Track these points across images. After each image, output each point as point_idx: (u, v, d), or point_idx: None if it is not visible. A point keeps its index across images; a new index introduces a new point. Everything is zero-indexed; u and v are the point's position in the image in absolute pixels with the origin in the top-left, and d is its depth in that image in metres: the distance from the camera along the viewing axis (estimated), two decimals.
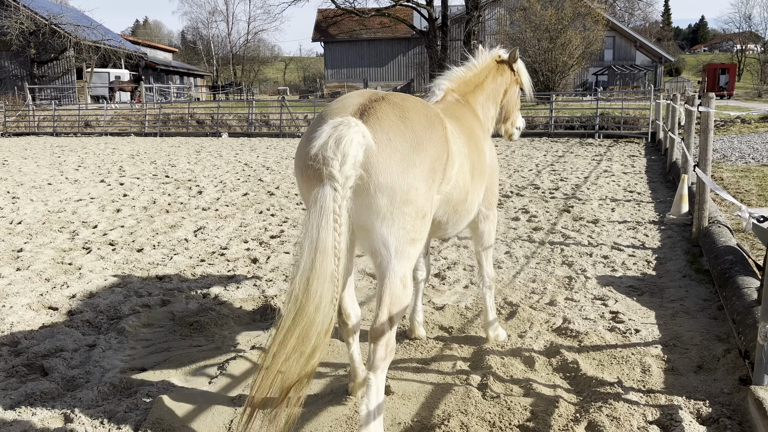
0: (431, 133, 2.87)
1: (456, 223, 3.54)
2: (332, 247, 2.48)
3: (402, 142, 2.73)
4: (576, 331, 4.46)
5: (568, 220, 8.34)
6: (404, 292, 2.80)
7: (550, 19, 36.54)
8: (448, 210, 3.33)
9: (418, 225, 2.78)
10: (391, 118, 2.77)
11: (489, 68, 4.40)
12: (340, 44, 52.12)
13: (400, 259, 2.77)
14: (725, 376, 3.73)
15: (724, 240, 5.82)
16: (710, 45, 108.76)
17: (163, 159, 16.88)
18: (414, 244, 2.81)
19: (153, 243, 7.25)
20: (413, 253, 2.82)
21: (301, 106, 33.50)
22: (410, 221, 2.74)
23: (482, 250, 4.14)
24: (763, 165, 13.45)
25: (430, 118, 2.96)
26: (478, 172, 3.57)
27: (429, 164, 2.80)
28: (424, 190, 2.77)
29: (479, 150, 3.70)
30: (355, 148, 2.51)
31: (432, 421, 3.28)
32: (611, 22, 45.82)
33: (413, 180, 2.72)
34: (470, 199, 3.49)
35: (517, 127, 4.85)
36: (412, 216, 2.73)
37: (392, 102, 2.88)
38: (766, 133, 20.73)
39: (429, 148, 2.81)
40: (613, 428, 3.15)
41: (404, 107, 2.90)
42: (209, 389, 3.66)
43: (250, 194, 10.80)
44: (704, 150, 6.49)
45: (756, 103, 38.23)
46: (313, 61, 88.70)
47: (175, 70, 57.42)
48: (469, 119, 3.92)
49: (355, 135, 2.52)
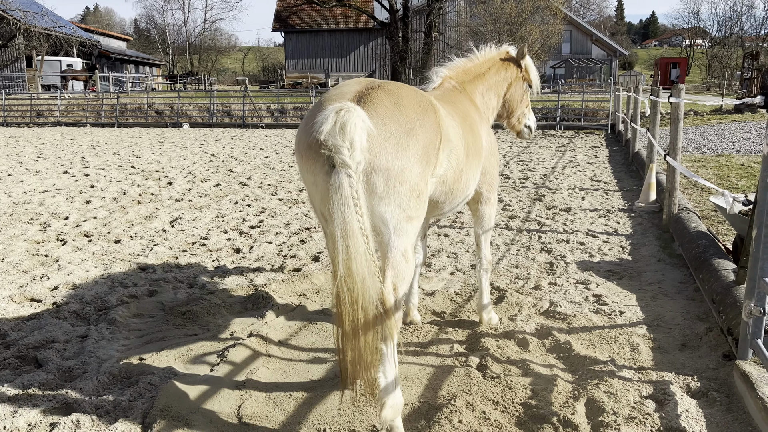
0: (423, 119, 3.03)
1: (452, 201, 3.66)
2: (359, 228, 2.64)
3: (396, 126, 2.89)
4: (564, 314, 4.62)
5: (542, 209, 8.55)
6: (406, 265, 2.97)
7: (510, 13, 37.06)
8: (444, 190, 3.47)
9: (414, 203, 2.93)
10: (387, 104, 2.92)
11: (492, 61, 4.50)
12: (300, 34, 51.62)
13: (399, 235, 2.93)
14: (709, 353, 3.93)
15: (696, 225, 6.08)
16: (660, 40, 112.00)
17: (126, 150, 16.49)
18: (411, 222, 2.96)
19: (130, 234, 7.12)
20: (411, 229, 2.98)
21: (263, 96, 33.13)
22: (405, 200, 2.89)
23: (482, 232, 4.26)
24: (718, 155, 14.01)
25: (422, 105, 3.11)
26: (473, 152, 3.70)
27: (422, 147, 2.96)
28: (418, 171, 2.92)
29: (474, 132, 3.82)
30: (360, 134, 2.64)
31: (438, 401, 3.36)
32: (569, 16, 46.74)
33: (407, 162, 2.88)
34: (465, 177, 3.61)
35: (527, 125, 4.83)
36: (407, 195, 2.89)
37: (387, 90, 3.01)
38: (718, 124, 21.55)
39: (421, 133, 2.97)
40: (611, 404, 3.30)
41: (399, 95, 3.03)
42: (213, 376, 3.66)
43: (222, 185, 10.69)
44: (674, 139, 6.75)
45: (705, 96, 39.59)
46: (272, 51, 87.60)
47: (130, 59, 55.86)
48: (465, 104, 4.04)
49: (357, 120, 2.64)
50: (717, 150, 15.03)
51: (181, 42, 75.46)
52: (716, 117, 24.37)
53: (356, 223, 2.63)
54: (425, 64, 42.91)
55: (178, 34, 75.71)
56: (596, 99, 26.08)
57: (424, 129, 3.00)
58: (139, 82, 48.82)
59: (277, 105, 28.69)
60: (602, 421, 3.14)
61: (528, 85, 4.70)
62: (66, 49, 43.39)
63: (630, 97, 15.51)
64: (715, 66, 65.48)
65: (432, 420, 3.17)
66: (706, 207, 8.35)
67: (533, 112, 4.96)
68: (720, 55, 66.14)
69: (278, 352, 4.06)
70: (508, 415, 3.26)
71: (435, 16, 43.10)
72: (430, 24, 43.11)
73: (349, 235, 2.61)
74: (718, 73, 60.45)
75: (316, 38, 51.42)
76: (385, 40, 46.48)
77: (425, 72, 41.61)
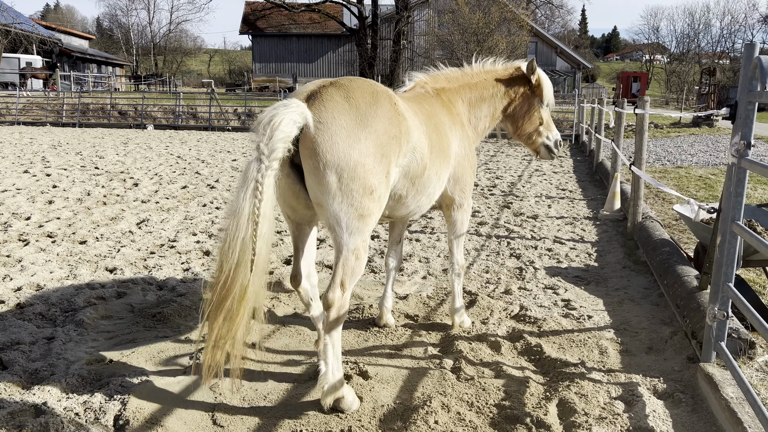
0: (377, 108, 3.07)
1: (415, 197, 3.65)
2: (249, 213, 2.72)
3: (346, 119, 2.94)
4: (534, 318, 4.70)
5: (510, 216, 8.68)
6: (357, 263, 3.07)
7: (478, 23, 37.53)
8: (406, 183, 3.50)
9: (366, 201, 2.98)
10: (336, 98, 3.00)
11: (488, 72, 4.44)
12: (268, 38, 51.33)
13: (351, 234, 3.00)
14: (674, 356, 4.06)
15: (659, 234, 6.27)
16: (622, 54, 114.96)
17: (89, 150, 16.13)
18: (363, 220, 3.01)
19: (96, 235, 6.97)
20: (363, 227, 3.03)
21: (230, 99, 32.81)
22: (358, 198, 2.95)
23: (454, 237, 4.30)
24: (678, 167, 14.45)
25: (376, 95, 3.15)
26: (437, 151, 3.71)
27: (375, 138, 3.00)
28: (372, 165, 2.97)
29: (440, 133, 3.83)
30: (285, 125, 2.78)
31: (414, 402, 3.39)
32: (534, 29, 47.61)
33: (359, 156, 2.93)
34: (428, 174, 3.61)
35: (545, 144, 4.61)
36: (360, 192, 2.94)
37: (339, 84, 3.11)
38: (677, 137, 22.24)
39: (375, 123, 3.02)
40: (582, 404, 3.38)
41: (350, 87, 3.11)
42: (186, 378, 3.62)
43: (190, 187, 10.55)
44: (639, 149, 6.96)
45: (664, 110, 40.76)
46: (238, 54, 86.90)
47: (92, 58, 54.68)
48: (434, 107, 4.03)
49: (288, 114, 2.80)
50: (676, 162, 15.50)
51: (145, 42, 74.21)
52: (675, 130, 25.14)
53: (248, 207, 2.71)
54: (393, 71, 43.15)
55: (142, 35, 74.47)
56: (561, 110, 26.61)
57: (378, 119, 3.04)
58: (101, 81, 47.81)
59: (245, 108, 28.45)
60: (574, 421, 3.21)
61: (540, 100, 4.50)
62: (25, 47, 42.26)
63: (594, 108, 15.89)
64: (674, 81, 67.59)
65: (408, 421, 3.20)
66: (668, 216, 8.61)
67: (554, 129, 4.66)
68: (678, 70, 68.32)
69: (252, 354, 4.02)
70: (482, 415, 3.31)
71: (404, 25, 43.40)
72: (398, 32, 43.39)
73: (235, 215, 2.72)
74: (677, 88, 62.40)
75: (284, 42, 51.20)
76: (354, 46, 46.62)
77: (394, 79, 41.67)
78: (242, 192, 2.74)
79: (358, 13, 44.28)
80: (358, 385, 3.58)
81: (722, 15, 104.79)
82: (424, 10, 46.91)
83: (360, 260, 3.07)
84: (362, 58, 44.23)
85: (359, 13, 44.27)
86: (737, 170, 3.28)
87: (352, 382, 3.61)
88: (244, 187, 2.74)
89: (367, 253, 3.14)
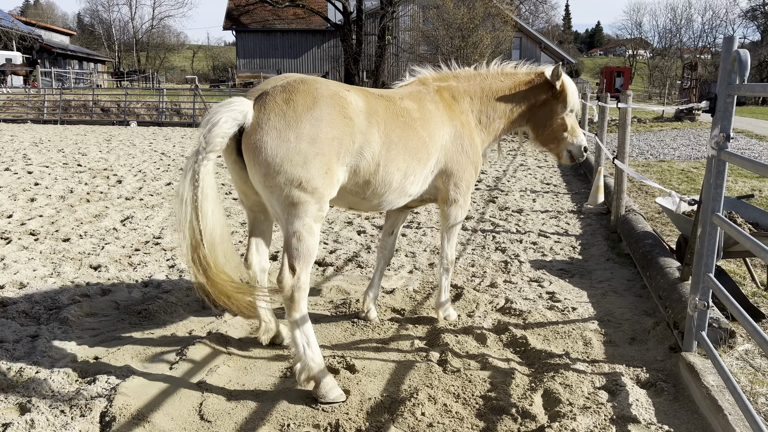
0: (314, 111, 3.30)
1: (375, 193, 3.74)
2: (189, 198, 3.13)
3: (280, 121, 3.24)
4: (519, 310, 4.75)
5: (495, 210, 8.74)
6: (300, 244, 3.35)
7: (462, 18, 37.56)
8: (358, 180, 3.63)
9: (296, 192, 3.27)
10: (277, 101, 3.29)
11: (506, 75, 4.42)
12: (252, 34, 50.96)
13: (288, 218, 3.34)
14: (656, 346, 4.12)
15: (642, 226, 6.34)
16: (605, 49, 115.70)
17: (71, 147, 15.95)
18: (296, 207, 3.31)
19: (79, 233, 6.91)
20: (299, 213, 3.32)
21: (214, 95, 32.62)
22: (287, 188, 3.26)
23: (445, 231, 4.32)
24: (660, 161, 14.60)
25: (316, 99, 3.35)
26: (400, 149, 3.71)
27: (307, 139, 3.26)
28: (299, 161, 3.24)
29: (411, 129, 3.80)
30: (224, 122, 3.16)
31: (401, 395, 3.42)
32: (518, 24, 47.72)
33: (286, 152, 3.22)
34: (384, 171, 3.66)
35: (569, 150, 4.55)
36: (288, 185, 3.25)
37: (288, 87, 3.36)
38: (660, 132, 22.45)
39: (307, 126, 3.27)
40: (567, 395, 3.42)
41: (295, 90, 3.35)
42: (172, 374, 3.61)
43: (174, 184, 10.48)
44: (622, 143, 7.02)
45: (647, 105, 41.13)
46: (222, 50, 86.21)
47: (73, 55, 53.93)
48: (423, 104, 4.01)
49: (228, 113, 3.18)
50: (659, 156, 15.65)
51: (127, 38, 73.37)
52: (658, 124, 25.37)
53: (187, 193, 3.13)
54: (378, 67, 43.09)
55: (124, 30, 73.59)
56: None
57: (312, 122, 3.28)
58: (83, 78, 47.23)
59: None
60: (559, 411, 3.25)
61: (563, 106, 4.42)
62: (5, 43, 41.62)
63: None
64: (656, 75, 68.18)
65: (395, 413, 3.22)
66: (650, 209, 8.70)
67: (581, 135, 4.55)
68: (661, 65, 68.90)
69: (238, 349, 4.03)
70: (468, 407, 3.34)
71: (388, 20, 43.30)
72: (383, 27, 43.30)
73: (181, 201, 3.14)
74: (659, 83, 62.96)
75: (268, 38, 50.87)
76: (339, 42, 46.42)
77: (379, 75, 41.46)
78: (183, 180, 3.16)
79: (343, 9, 44.11)
80: (346, 378, 3.60)
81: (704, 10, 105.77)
82: (409, 5, 46.84)
83: (303, 242, 3.34)
84: (347, 53, 44.10)
85: (344, 9, 44.11)
86: (717, 162, 3.34)
87: (340, 375, 3.63)
88: (185, 176, 3.16)
89: (313, 236, 3.37)
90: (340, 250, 6.48)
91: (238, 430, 3.11)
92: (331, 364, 3.73)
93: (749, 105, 47.72)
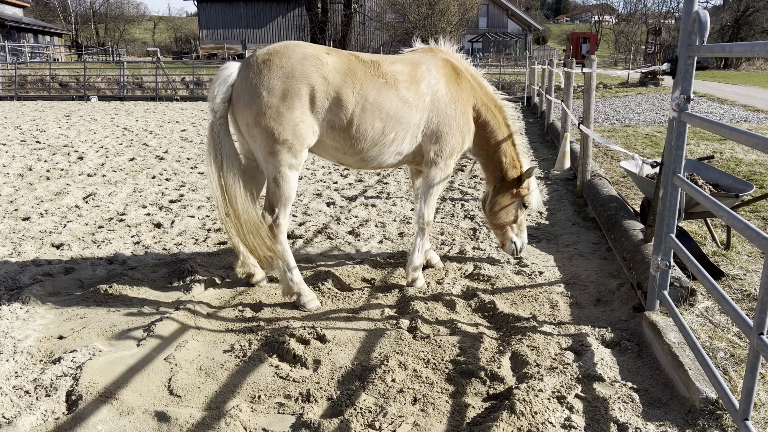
0: (286, 70, 3.69)
1: (354, 149, 4.00)
2: (215, 157, 3.88)
3: (255, 77, 3.69)
4: (488, 276, 4.80)
5: (464, 178, 8.76)
6: (276, 189, 3.89)
7: None
8: (335, 135, 3.93)
9: (270, 143, 3.75)
10: (258, 61, 3.75)
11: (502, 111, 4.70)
12: (215, 4, 49.68)
13: (267, 165, 3.86)
14: (621, 307, 4.21)
15: (607, 190, 6.43)
16: (572, 15, 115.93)
17: (29, 124, 15.46)
18: (274, 156, 3.80)
19: (39, 211, 6.73)
20: (276, 162, 3.81)
21: (177, 67, 31.84)
22: (263, 139, 3.75)
23: (423, 191, 4.42)
24: (625, 126, 14.78)
25: (293, 59, 3.72)
26: (374, 108, 3.91)
27: (278, 94, 3.67)
28: (272, 114, 3.67)
29: (392, 89, 3.98)
30: (219, 87, 3.79)
31: (372, 362, 3.44)
32: None
33: (259, 107, 3.67)
34: (358, 129, 3.91)
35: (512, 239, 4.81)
36: (263, 136, 3.74)
37: (270, 49, 3.82)
38: (625, 97, 22.69)
39: (278, 83, 3.67)
40: (534, 356, 3.49)
41: (275, 52, 3.77)
42: (140, 351, 3.57)
43: (138, 159, 10.25)
44: (587, 108, 7.07)
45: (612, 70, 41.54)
46: (184, 21, 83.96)
47: (27, 28, 51.91)
48: (419, 67, 4.17)
49: (221, 76, 3.80)
50: (624, 121, 15.85)
51: (84, 10, 70.92)
52: (623, 90, 25.64)
53: (213, 151, 3.85)
54: (345, 35, 42.49)
55: (81, 2, 71.06)
56: (513, 73, 26.78)
57: (283, 79, 3.67)
58: (39, 52, 45.63)
59: (192, 77, 27.67)
60: (526, 372, 3.31)
61: (522, 203, 4.73)
62: None
63: (545, 70, 16.02)
64: (622, 41, 68.64)
65: (366, 380, 3.24)
66: (616, 173, 8.83)
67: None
68: (626, 31, 69.31)
69: (207, 324, 4.00)
70: (438, 372, 3.38)
71: None
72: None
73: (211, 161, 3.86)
74: (625, 48, 63.45)
75: (231, 8, 49.65)
76: (304, 11, 45.56)
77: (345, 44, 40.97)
78: (208, 145, 3.89)
79: None
80: (316, 348, 3.61)
81: None
82: None
83: (280, 187, 3.86)
84: (312, 22, 43.34)
85: None
86: (677, 124, 3.37)
87: (310, 346, 3.63)
88: (208, 139, 3.89)
89: (288, 183, 3.87)
90: (309, 222, 6.44)
91: (208, 403, 3.09)
92: (301, 335, 3.73)
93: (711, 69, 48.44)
